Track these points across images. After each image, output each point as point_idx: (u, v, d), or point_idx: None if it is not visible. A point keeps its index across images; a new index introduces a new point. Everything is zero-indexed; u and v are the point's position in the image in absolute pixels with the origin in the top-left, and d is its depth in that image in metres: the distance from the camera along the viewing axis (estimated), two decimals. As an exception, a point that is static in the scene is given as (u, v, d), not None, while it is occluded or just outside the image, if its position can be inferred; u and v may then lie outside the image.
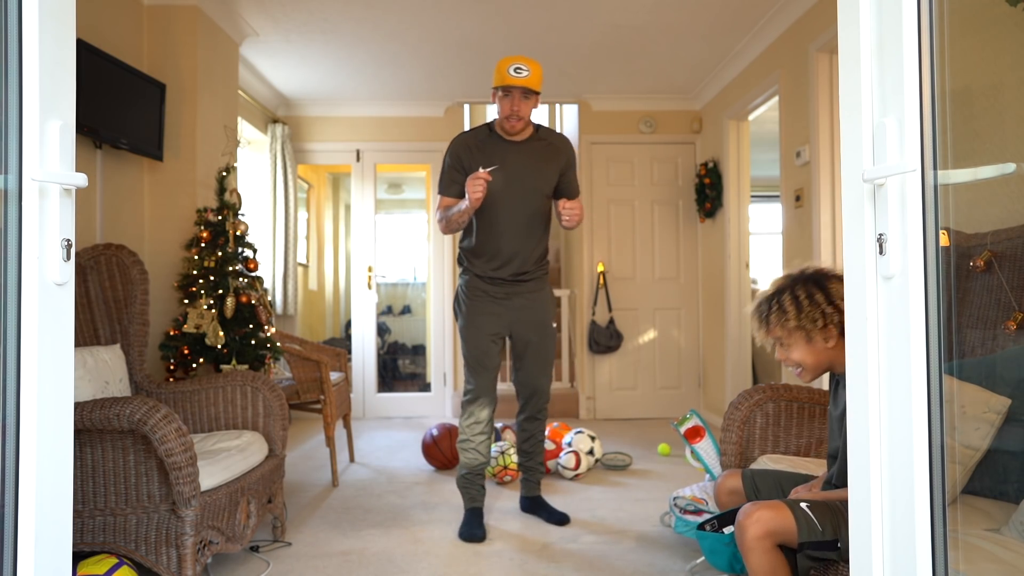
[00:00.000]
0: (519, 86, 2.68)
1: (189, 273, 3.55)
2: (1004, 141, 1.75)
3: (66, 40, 1.22)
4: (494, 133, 2.88)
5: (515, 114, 2.73)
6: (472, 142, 2.88)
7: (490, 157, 2.80)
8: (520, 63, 2.67)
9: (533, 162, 2.87)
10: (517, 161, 2.84)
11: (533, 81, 2.69)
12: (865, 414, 1.17)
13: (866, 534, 1.16)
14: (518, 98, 2.70)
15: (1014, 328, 1.76)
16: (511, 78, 2.67)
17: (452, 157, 2.90)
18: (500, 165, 2.76)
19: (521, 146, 2.88)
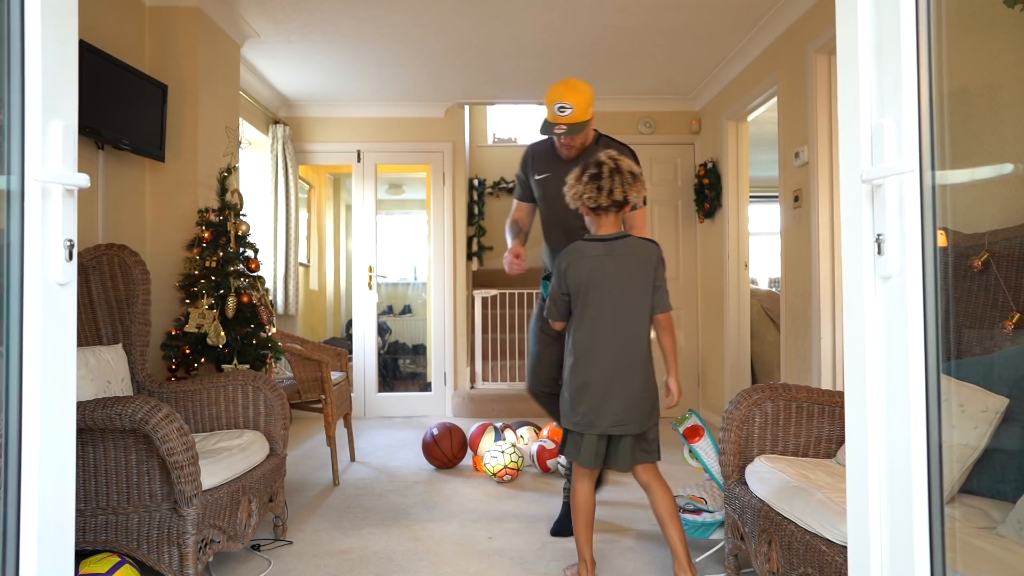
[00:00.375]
0: (563, 128, 2.66)
1: (191, 273, 3.56)
2: (1002, 142, 1.75)
3: (68, 41, 1.23)
4: (555, 146, 2.90)
5: (565, 146, 2.78)
6: (536, 151, 2.97)
7: (546, 165, 2.90)
8: (564, 102, 2.62)
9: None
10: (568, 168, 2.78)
11: (577, 115, 2.66)
12: (864, 414, 1.17)
13: (864, 533, 1.17)
14: (565, 134, 2.69)
15: (1011, 328, 1.77)
16: (556, 117, 2.66)
17: (522, 166, 3.04)
18: (551, 174, 2.85)
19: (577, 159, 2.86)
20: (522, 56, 4.94)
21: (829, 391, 2.49)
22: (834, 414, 2.43)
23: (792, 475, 2.13)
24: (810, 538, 1.86)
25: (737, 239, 5.29)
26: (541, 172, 2.90)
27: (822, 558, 1.78)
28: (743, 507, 2.28)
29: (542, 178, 2.91)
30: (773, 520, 2.06)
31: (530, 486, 3.77)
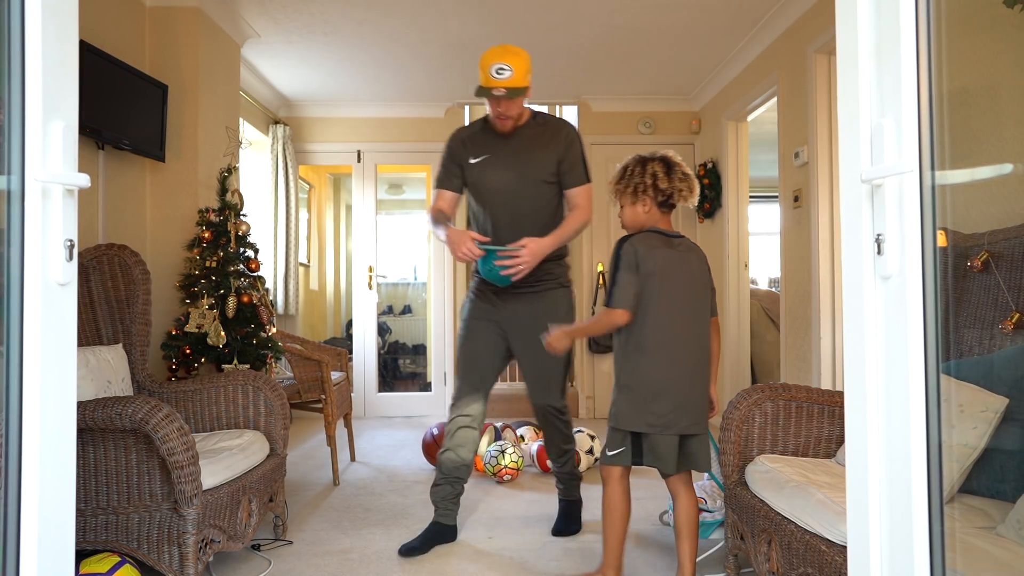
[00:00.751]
0: (501, 91, 2.49)
1: (191, 273, 3.56)
2: (1001, 142, 1.75)
3: (69, 41, 1.23)
4: (488, 125, 2.74)
5: (502, 115, 2.59)
6: (466, 135, 2.77)
7: (481, 146, 2.70)
8: (502, 62, 2.47)
9: (527, 149, 2.70)
10: (508, 150, 2.70)
11: (517, 79, 2.49)
12: (863, 413, 1.17)
13: (864, 533, 1.17)
14: (503, 100, 2.53)
15: (1011, 328, 1.77)
16: (493, 80, 2.48)
17: (447, 151, 2.80)
18: (491, 155, 2.68)
19: (515, 134, 2.72)
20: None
21: (829, 391, 2.49)
22: (834, 414, 2.43)
23: (792, 475, 2.13)
24: (810, 538, 1.86)
25: (737, 239, 5.29)
26: (478, 155, 2.70)
27: (822, 558, 1.78)
28: (743, 507, 2.28)
29: (480, 161, 2.70)
30: (773, 520, 2.06)
31: (530, 486, 3.77)
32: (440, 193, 2.78)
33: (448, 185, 2.77)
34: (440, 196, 2.77)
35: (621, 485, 2.30)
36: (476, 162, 2.69)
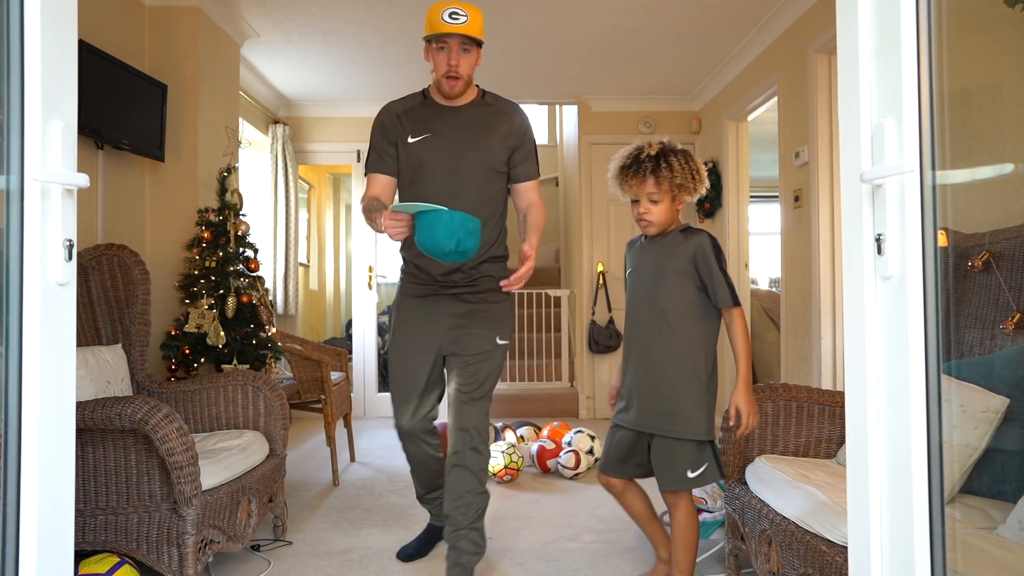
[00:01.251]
0: (456, 34, 2.15)
1: (190, 273, 3.56)
2: (1002, 142, 1.75)
3: (68, 41, 1.23)
4: (428, 99, 2.37)
5: (453, 70, 2.19)
6: (400, 109, 2.35)
7: (422, 125, 2.30)
8: (456, 7, 2.16)
9: (474, 130, 2.32)
10: (454, 129, 2.30)
11: (473, 27, 2.17)
12: (864, 414, 1.17)
13: (865, 533, 1.17)
14: (456, 50, 2.18)
15: (1012, 328, 1.77)
16: (445, 25, 2.14)
17: (378, 127, 2.37)
18: (432, 134, 2.29)
19: (460, 112, 2.32)
20: (522, 56, 4.94)
21: (829, 391, 2.48)
22: (834, 414, 2.43)
23: (792, 475, 2.12)
24: (810, 538, 1.86)
25: (737, 239, 5.29)
26: (417, 132, 2.30)
27: (822, 558, 1.78)
28: (743, 507, 2.28)
29: (420, 140, 2.29)
30: (773, 520, 2.06)
31: (530, 486, 3.77)
32: (372, 178, 2.36)
33: (381, 167, 2.36)
34: (373, 182, 2.36)
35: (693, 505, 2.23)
36: (415, 141, 2.30)
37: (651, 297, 2.17)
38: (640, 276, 2.23)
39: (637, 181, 2.11)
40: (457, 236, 1.84)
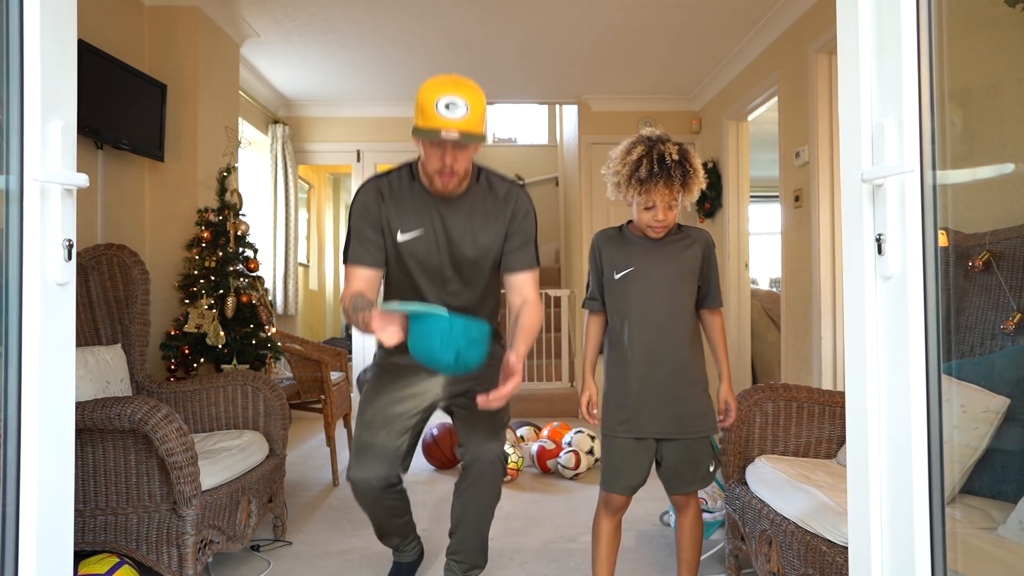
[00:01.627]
0: (453, 134, 1.76)
1: (190, 273, 3.56)
2: (1003, 141, 1.75)
3: (67, 41, 1.23)
4: (418, 181, 2.00)
5: (448, 169, 1.85)
6: (387, 189, 2.00)
7: (411, 214, 1.98)
8: (453, 95, 1.79)
9: (471, 222, 2.01)
10: (448, 223, 1.99)
11: (473, 122, 1.79)
12: (864, 414, 1.17)
13: (865, 533, 1.17)
14: (451, 146, 1.81)
15: (1012, 328, 1.77)
16: (440, 120, 1.75)
17: (359, 210, 2.00)
18: (424, 229, 1.98)
19: (454, 202, 2.00)
20: (522, 56, 4.94)
21: (830, 391, 2.48)
22: (835, 414, 2.43)
23: (793, 475, 2.12)
24: (811, 539, 1.85)
25: (738, 239, 5.29)
26: (408, 227, 1.97)
27: (823, 558, 1.78)
28: (744, 507, 2.28)
29: (411, 238, 1.97)
30: (773, 520, 2.05)
31: (530, 486, 3.76)
32: (354, 272, 1.98)
33: (364, 259, 1.98)
34: (354, 276, 1.98)
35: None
36: (406, 239, 1.98)
37: (670, 299, 2.07)
38: (652, 278, 2.06)
39: (663, 187, 1.92)
40: (457, 346, 1.53)
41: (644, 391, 2.03)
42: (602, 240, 2.12)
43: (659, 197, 1.93)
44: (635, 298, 2.05)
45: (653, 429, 2.04)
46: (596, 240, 2.14)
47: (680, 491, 2.10)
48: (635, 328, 2.05)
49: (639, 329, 2.05)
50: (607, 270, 2.09)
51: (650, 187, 1.92)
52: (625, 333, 2.06)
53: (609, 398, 2.09)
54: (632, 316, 2.05)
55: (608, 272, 2.09)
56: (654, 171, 1.91)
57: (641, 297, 2.05)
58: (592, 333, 2.17)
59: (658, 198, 1.93)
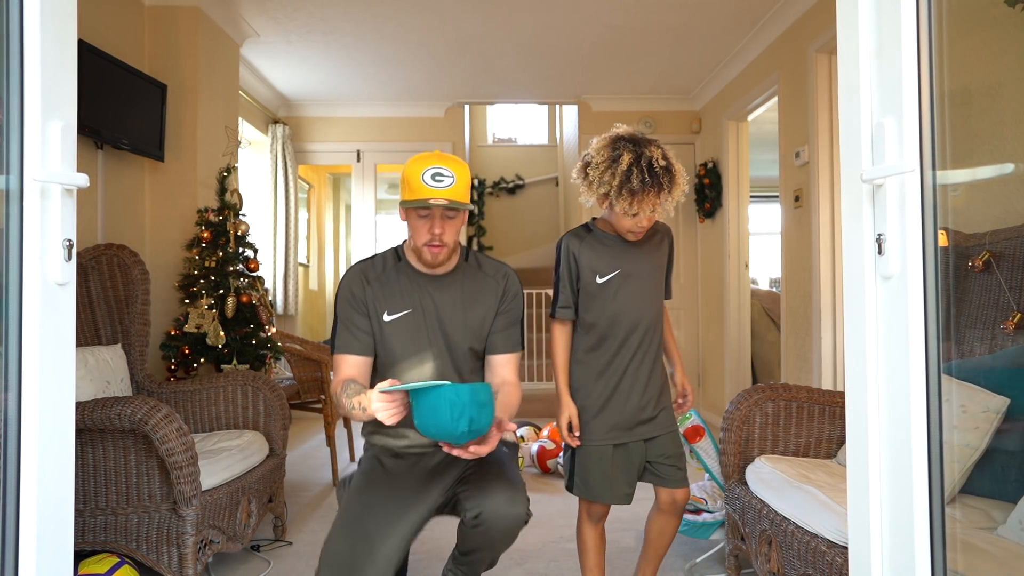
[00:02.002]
0: (442, 201, 1.76)
1: (190, 273, 3.56)
2: (1003, 141, 1.75)
3: (67, 41, 1.23)
4: (404, 261, 1.96)
5: (437, 239, 1.82)
6: (372, 274, 1.94)
7: (398, 295, 1.91)
8: (440, 166, 1.79)
9: (461, 303, 1.94)
10: (437, 303, 1.92)
11: (459, 191, 1.79)
12: (864, 414, 1.17)
13: (865, 533, 1.17)
14: (439, 216, 1.80)
15: (1012, 328, 1.77)
16: (428, 190, 1.77)
17: (345, 297, 1.92)
18: (412, 310, 1.91)
19: (443, 281, 1.94)
20: (522, 56, 4.94)
21: (830, 391, 2.48)
22: (835, 414, 2.43)
23: (793, 475, 2.12)
24: (810, 538, 1.85)
25: (737, 239, 5.29)
26: (395, 308, 1.90)
27: (823, 559, 1.78)
28: (744, 507, 2.28)
29: (398, 318, 1.90)
30: (773, 520, 2.05)
31: (530, 486, 3.76)
32: (343, 360, 1.89)
33: (354, 347, 1.90)
34: (344, 364, 1.89)
35: None
36: (392, 320, 1.90)
37: (655, 297, 2.06)
38: (638, 278, 2.03)
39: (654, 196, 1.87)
40: (469, 414, 1.46)
41: (632, 390, 2.00)
42: (576, 243, 2.03)
43: (648, 206, 1.87)
44: (624, 301, 1.99)
45: (642, 431, 2.01)
46: (568, 244, 2.03)
47: (674, 486, 2.05)
48: (627, 331, 1.99)
49: (631, 331, 1.99)
50: (586, 275, 2.00)
51: (641, 197, 1.85)
52: (612, 338, 1.99)
53: (590, 407, 2.00)
54: (622, 319, 1.99)
55: (588, 277, 2.00)
56: (646, 180, 1.84)
57: (630, 299, 2.00)
58: (564, 345, 2.05)
59: (647, 207, 1.87)
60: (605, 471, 2.00)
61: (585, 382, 2.02)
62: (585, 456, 2.01)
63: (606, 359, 2.01)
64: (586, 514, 2.07)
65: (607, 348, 2.00)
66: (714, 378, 5.69)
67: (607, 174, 1.88)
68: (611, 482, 2.00)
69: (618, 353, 2.00)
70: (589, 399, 2.01)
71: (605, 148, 1.93)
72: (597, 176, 1.91)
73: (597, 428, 2.00)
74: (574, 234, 2.05)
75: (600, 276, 2.00)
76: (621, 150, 1.89)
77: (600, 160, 1.91)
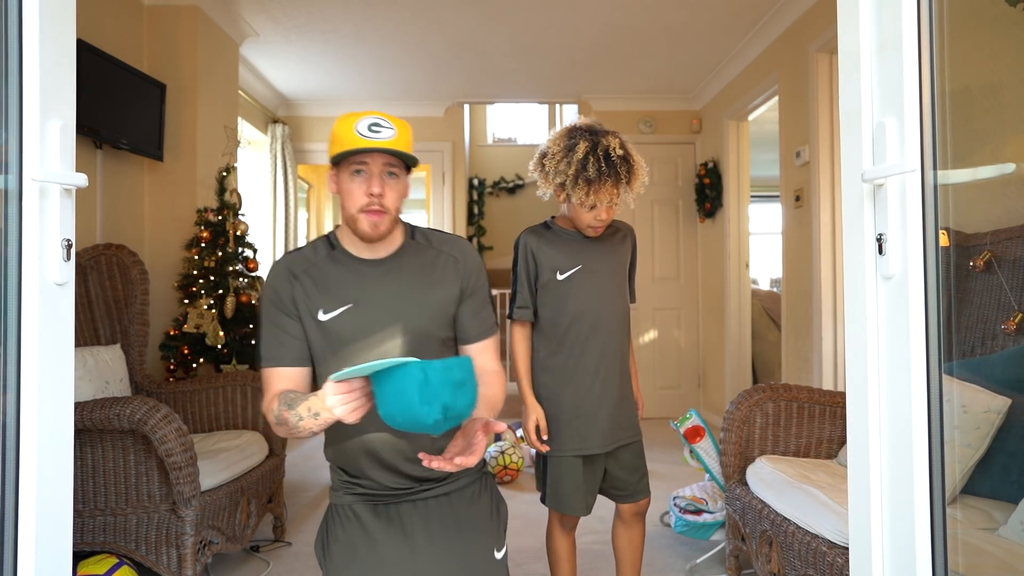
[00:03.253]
0: (379, 150, 1.44)
1: (189, 273, 3.56)
2: (1004, 141, 1.75)
3: (66, 40, 1.22)
4: (339, 248, 1.59)
5: (375, 201, 1.47)
6: (299, 268, 1.57)
7: (335, 292, 1.54)
8: (379, 116, 1.48)
9: (411, 287, 1.57)
10: (382, 291, 1.55)
11: (403, 142, 1.48)
12: (865, 414, 1.17)
13: (866, 533, 1.16)
14: (378, 174, 1.47)
15: (1013, 328, 1.77)
16: (362, 139, 1.44)
17: (269, 299, 1.56)
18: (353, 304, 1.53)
19: (387, 265, 1.57)
20: (522, 55, 4.93)
21: (830, 391, 2.48)
22: (835, 414, 2.43)
23: (793, 476, 2.12)
24: (811, 539, 1.85)
25: (738, 239, 5.29)
26: (332, 305, 1.53)
27: (823, 559, 1.78)
28: (744, 508, 2.28)
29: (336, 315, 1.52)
30: (774, 521, 2.05)
31: (530, 486, 3.76)
32: (273, 375, 1.53)
33: (284, 357, 1.54)
34: (274, 380, 1.52)
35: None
36: (329, 318, 1.53)
37: (619, 295, 1.98)
38: (600, 274, 1.94)
39: (611, 186, 1.81)
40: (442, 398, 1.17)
41: (603, 397, 1.91)
42: (534, 240, 1.94)
43: (605, 196, 1.81)
44: (586, 298, 1.91)
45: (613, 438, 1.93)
46: (526, 241, 1.94)
47: (637, 499, 2.00)
48: (589, 330, 1.90)
49: (594, 331, 1.91)
50: (545, 272, 1.92)
51: (598, 187, 1.79)
52: (574, 338, 1.91)
53: (558, 414, 1.92)
54: (585, 317, 1.91)
55: (547, 274, 1.92)
56: (602, 170, 1.79)
57: (593, 296, 1.92)
58: (524, 348, 1.96)
59: (604, 197, 1.82)
60: (577, 481, 1.92)
61: (555, 390, 1.93)
62: (556, 466, 1.93)
63: (571, 363, 1.92)
64: (558, 523, 2.01)
65: (571, 351, 1.91)
66: (714, 378, 5.68)
67: (563, 163, 1.83)
68: (581, 492, 1.93)
69: (583, 356, 1.91)
70: (560, 407, 1.92)
71: (561, 138, 1.87)
72: (553, 166, 1.85)
73: (569, 438, 1.91)
74: (532, 231, 1.97)
75: (561, 272, 1.92)
76: (577, 139, 1.83)
77: (556, 150, 1.85)
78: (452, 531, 1.54)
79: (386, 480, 1.54)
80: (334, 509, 1.60)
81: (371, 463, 1.53)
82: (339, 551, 1.53)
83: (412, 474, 1.53)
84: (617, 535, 2.09)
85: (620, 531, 2.07)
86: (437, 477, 1.56)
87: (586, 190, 1.80)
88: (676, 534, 2.90)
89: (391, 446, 1.51)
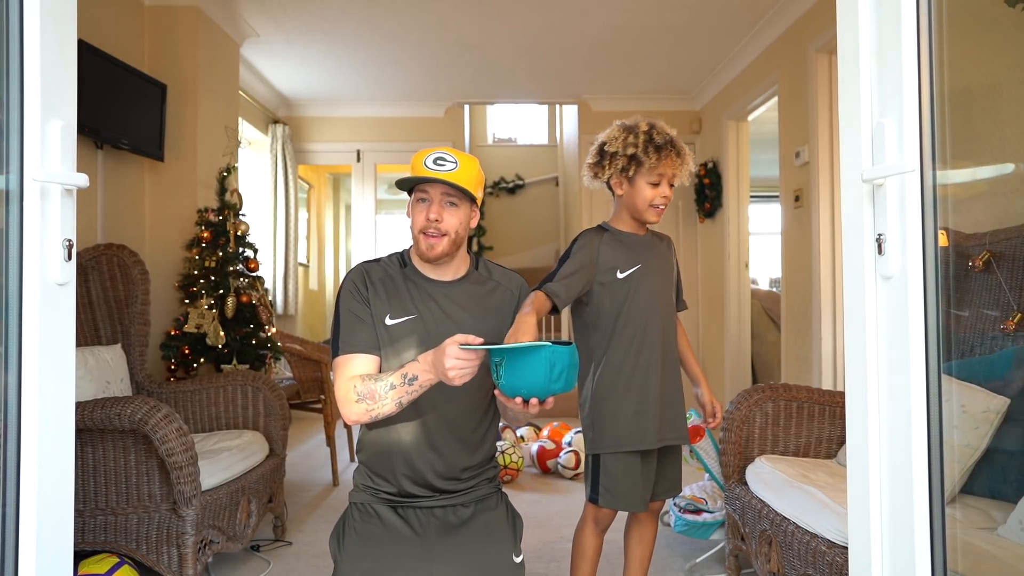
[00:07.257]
0: (439, 181, 1.60)
1: (190, 273, 3.56)
2: (1003, 141, 1.75)
3: (67, 41, 1.23)
4: (410, 266, 1.74)
5: (432, 225, 1.62)
6: (376, 275, 1.72)
7: (402, 299, 1.69)
8: (445, 152, 1.63)
9: (468, 314, 1.70)
10: (442, 312, 1.69)
11: (463, 176, 1.62)
12: (864, 414, 1.17)
13: (865, 533, 1.17)
14: (438, 201, 1.62)
15: (1013, 328, 1.77)
16: (426, 170, 1.61)
17: (348, 293, 1.70)
18: (417, 316, 1.67)
19: (450, 289, 1.71)
20: (522, 56, 4.94)
21: (830, 391, 2.48)
22: (835, 414, 2.43)
23: (793, 475, 2.12)
24: (810, 538, 1.85)
25: (738, 239, 5.29)
26: (398, 313, 1.67)
27: (823, 559, 1.78)
28: (744, 507, 2.28)
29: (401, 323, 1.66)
30: (773, 520, 2.05)
31: (530, 486, 3.76)
32: (349, 360, 1.62)
33: (363, 343, 1.64)
34: (350, 364, 1.62)
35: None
36: (396, 324, 1.67)
37: (668, 298, 2.05)
38: (658, 274, 2.00)
39: (675, 157, 1.94)
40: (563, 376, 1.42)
41: (664, 394, 1.94)
42: (597, 238, 1.99)
43: (669, 168, 1.93)
44: (646, 296, 1.96)
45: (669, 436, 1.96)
46: (593, 237, 2.00)
47: (674, 495, 2.05)
48: (649, 328, 1.94)
49: (652, 329, 1.95)
50: (606, 270, 1.95)
51: (667, 153, 1.93)
52: (631, 335, 1.93)
53: (617, 411, 1.93)
54: (644, 315, 1.95)
55: (607, 273, 1.95)
56: (667, 139, 1.95)
57: (651, 295, 1.97)
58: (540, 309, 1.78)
59: (668, 170, 1.93)
60: (635, 478, 1.93)
61: (614, 386, 1.94)
62: (615, 463, 1.93)
63: (631, 360, 1.94)
64: (593, 521, 2.01)
65: (628, 348, 1.94)
66: (714, 378, 5.68)
67: (630, 137, 1.97)
68: (639, 488, 1.94)
69: (641, 353, 1.94)
70: (620, 405, 1.93)
71: (617, 128, 2.04)
72: (620, 145, 1.97)
73: (628, 434, 1.92)
74: (595, 230, 2.04)
75: (621, 271, 1.96)
76: (634, 123, 2.02)
77: (616, 134, 2.01)
78: (470, 535, 1.65)
79: (410, 487, 1.66)
80: (354, 506, 1.70)
81: (402, 466, 1.66)
82: (356, 542, 1.62)
83: (436, 485, 1.66)
84: (629, 531, 2.11)
85: (632, 527, 2.10)
86: (456, 489, 1.69)
87: (656, 156, 1.93)
88: (676, 533, 2.90)
89: (424, 457, 1.65)
